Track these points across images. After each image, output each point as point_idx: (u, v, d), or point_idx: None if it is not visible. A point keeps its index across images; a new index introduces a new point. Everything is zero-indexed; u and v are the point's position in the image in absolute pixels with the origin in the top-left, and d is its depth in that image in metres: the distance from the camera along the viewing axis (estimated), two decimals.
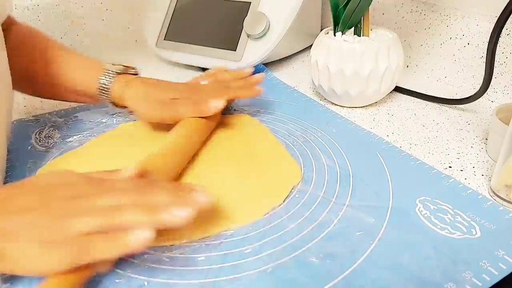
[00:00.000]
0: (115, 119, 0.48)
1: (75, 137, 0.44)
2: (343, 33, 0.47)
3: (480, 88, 0.42)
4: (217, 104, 0.40)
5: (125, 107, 0.43)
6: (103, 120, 0.48)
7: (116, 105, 0.43)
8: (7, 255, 0.22)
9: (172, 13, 0.65)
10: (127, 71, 0.43)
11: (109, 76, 0.41)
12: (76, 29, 0.72)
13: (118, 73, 0.42)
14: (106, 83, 0.41)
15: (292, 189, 0.34)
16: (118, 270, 0.27)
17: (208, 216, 0.31)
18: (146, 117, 0.42)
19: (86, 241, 0.23)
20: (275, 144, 0.41)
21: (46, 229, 0.23)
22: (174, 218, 0.24)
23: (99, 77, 0.41)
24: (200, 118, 0.40)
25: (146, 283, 0.26)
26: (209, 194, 0.26)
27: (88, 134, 0.45)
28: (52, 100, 0.48)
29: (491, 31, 0.38)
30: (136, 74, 0.44)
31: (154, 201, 0.25)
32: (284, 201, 0.33)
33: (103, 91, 0.41)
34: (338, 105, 0.50)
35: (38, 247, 0.22)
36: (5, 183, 0.36)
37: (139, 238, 0.23)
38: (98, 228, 0.23)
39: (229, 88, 0.44)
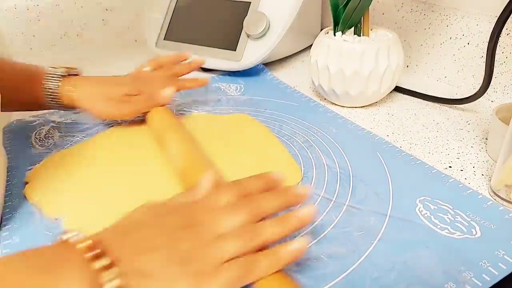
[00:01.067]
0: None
1: (74, 136, 0.44)
2: (343, 33, 0.47)
3: (480, 88, 0.42)
4: (168, 93, 0.42)
5: (75, 108, 0.42)
6: (103, 120, 0.47)
7: (66, 107, 0.42)
8: None
9: (172, 13, 0.65)
10: (70, 72, 0.42)
11: (54, 80, 0.40)
12: (75, 29, 0.72)
13: (63, 76, 0.41)
14: (52, 88, 0.40)
15: None
16: None
17: None
18: (103, 116, 0.42)
19: (250, 261, 0.22)
20: (276, 144, 0.41)
21: (193, 261, 0.21)
22: (304, 218, 0.25)
23: (44, 83, 0.40)
24: (165, 110, 0.43)
25: None
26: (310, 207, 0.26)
27: (87, 134, 0.45)
28: None
29: (491, 31, 0.38)
30: (77, 75, 0.43)
31: (269, 206, 0.25)
32: None
33: (50, 96, 0.40)
34: (338, 105, 0.50)
35: (193, 281, 0.21)
36: (5, 182, 0.36)
37: (299, 247, 0.23)
38: (245, 250, 0.23)
39: (174, 74, 0.47)
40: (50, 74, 0.41)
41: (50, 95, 0.40)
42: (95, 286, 0.19)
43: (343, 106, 0.50)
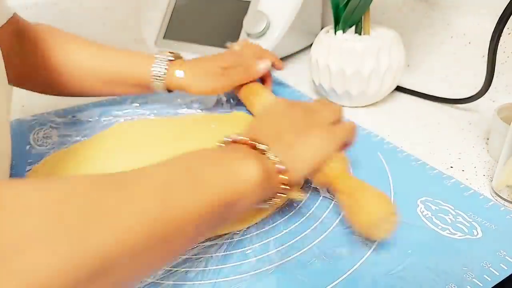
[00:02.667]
0: (113, 118, 0.48)
1: (73, 136, 0.44)
2: (343, 32, 0.47)
3: (482, 87, 0.42)
4: (264, 65, 0.46)
5: (179, 89, 0.44)
6: (102, 120, 0.47)
7: (169, 89, 0.45)
8: (296, 163, 0.28)
9: (171, 12, 0.64)
10: (177, 57, 0.45)
11: (162, 65, 0.43)
12: (75, 29, 0.72)
13: (170, 60, 0.44)
14: (161, 71, 0.43)
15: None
16: None
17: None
18: (199, 89, 0.44)
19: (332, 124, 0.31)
20: None
21: (310, 130, 0.30)
22: None
23: (152, 67, 0.43)
24: (258, 85, 0.45)
25: (146, 284, 0.26)
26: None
27: (86, 134, 0.44)
28: (51, 100, 0.47)
29: (492, 30, 0.38)
30: (181, 58, 0.46)
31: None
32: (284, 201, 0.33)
33: (158, 79, 0.43)
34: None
35: (320, 137, 0.29)
36: None
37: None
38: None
39: (263, 53, 0.49)
40: (159, 59, 0.44)
41: (159, 78, 0.43)
42: (264, 162, 0.26)
43: (343, 106, 0.49)
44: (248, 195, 0.25)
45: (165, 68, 0.43)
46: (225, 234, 0.30)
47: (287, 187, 0.27)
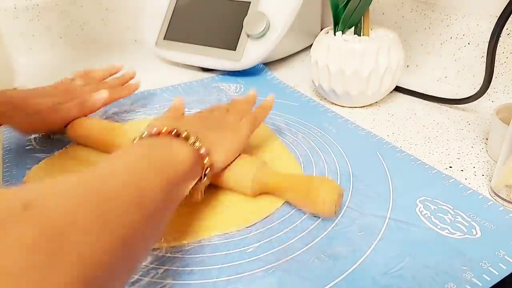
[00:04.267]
0: (113, 119, 0.48)
1: None
2: (343, 32, 0.47)
3: (481, 88, 0.42)
4: (102, 96, 0.41)
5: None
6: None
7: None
8: (217, 152, 0.31)
9: (171, 12, 0.64)
10: None
11: None
12: (75, 29, 0.72)
13: None
14: None
15: None
16: None
17: (208, 217, 0.31)
18: (24, 130, 0.41)
19: (248, 118, 0.36)
20: (276, 144, 0.41)
21: (223, 127, 0.34)
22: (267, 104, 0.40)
23: None
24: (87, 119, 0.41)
25: (146, 283, 0.26)
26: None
27: None
28: None
29: (491, 30, 0.38)
30: None
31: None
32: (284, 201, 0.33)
33: None
34: (338, 105, 0.50)
35: (231, 134, 0.33)
36: (4, 182, 0.36)
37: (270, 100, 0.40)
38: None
39: (105, 84, 0.45)
40: None
41: None
42: (190, 148, 0.28)
43: (343, 106, 0.49)
44: (186, 175, 0.27)
45: None
46: (226, 233, 0.30)
47: (209, 169, 0.30)
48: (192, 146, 0.28)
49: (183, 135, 0.28)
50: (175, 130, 0.28)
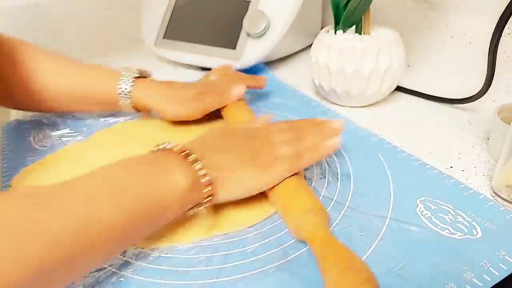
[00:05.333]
0: (112, 118, 0.48)
1: (73, 136, 0.44)
2: (344, 31, 0.47)
3: (482, 87, 0.42)
4: (239, 90, 0.44)
5: (147, 110, 0.44)
6: (101, 120, 0.47)
7: (137, 109, 0.44)
8: (226, 181, 0.28)
9: (171, 11, 0.64)
10: (143, 75, 0.44)
11: (128, 81, 0.42)
12: (75, 29, 0.72)
13: (136, 77, 0.43)
14: (127, 88, 0.42)
15: None
16: (117, 270, 0.27)
17: (209, 217, 0.31)
18: (175, 116, 0.43)
19: (294, 156, 0.30)
20: None
21: (257, 158, 0.30)
22: (335, 127, 0.33)
23: (118, 84, 0.42)
24: (238, 106, 0.43)
25: (146, 283, 0.26)
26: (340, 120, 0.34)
27: (86, 134, 0.44)
28: None
29: (492, 30, 0.38)
30: (150, 77, 0.46)
31: (310, 131, 0.33)
32: None
33: (124, 97, 0.42)
34: (338, 105, 0.50)
35: (257, 170, 0.29)
36: (3, 182, 0.36)
37: (333, 142, 0.32)
38: (295, 152, 0.31)
39: (240, 78, 0.48)
40: (125, 75, 0.43)
41: (125, 95, 0.42)
42: (191, 174, 0.27)
43: (343, 106, 0.49)
44: (174, 204, 0.26)
45: (131, 85, 0.42)
46: (226, 233, 0.30)
47: (210, 198, 0.28)
48: (195, 172, 0.27)
49: (191, 158, 0.27)
50: (187, 151, 0.27)
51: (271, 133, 0.32)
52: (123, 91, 0.42)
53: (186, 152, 0.27)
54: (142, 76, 0.44)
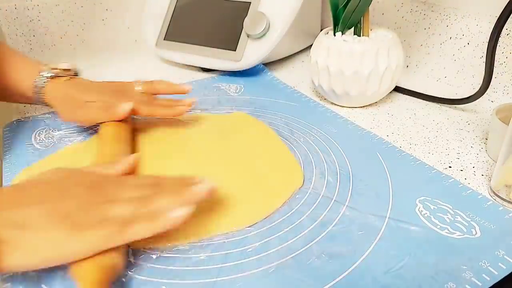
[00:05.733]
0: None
1: (75, 136, 0.44)
2: (343, 33, 0.47)
3: (480, 88, 0.42)
4: (125, 107, 0.40)
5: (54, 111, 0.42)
6: None
7: (48, 106, 0.43)
8: (22, 244, 0.22)
9: (172, 13, 0.65)
10: (64, 74, 0.42)
11: (42, 78, 0.41)
12: (75, 29, 0.72)
13: (53, 77, 0.42)
14: (40, 85, 0.41)
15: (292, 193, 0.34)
16: None
17: (209, 217, 0.31)
18: (62, 117, 0.42)
19: (126, 222, 0.24)
20: (277, 144, 0.41)
21: (75, 215, 0.23)
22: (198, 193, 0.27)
23: (34, 80, 0.41)
24: (117, 124, 0.40)
25: (147, 283, 0.26)
26: (209, 183, 0.27)
27: (87, 134, 0.45)
28: None
29: (491, 31, 0.38)
30: (76, 75, 0.44)
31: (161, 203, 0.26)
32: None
33: (38, 93, 0.41)
34: (338, 105, 0.50)
35: (69, 230, 0.23)
36: (4, 182, 0.36)
37: (179, 214, 0.25)
38: (133, 213, 0.25)
39: (154, 101, 0.44)
40: (43, 71, 0.42)
41: (37, 91, 0.41)
42: None
43: (343, 106, 0.50)
44: None
45: (44, 82, 0.41)
46: (226, 233, 0.30)
47: None
48: None
49: None
50: None
51: (121, 187, 0.27)
52: (36, 87, 0.41)
53: None
54: (63, 75, 0.42)
